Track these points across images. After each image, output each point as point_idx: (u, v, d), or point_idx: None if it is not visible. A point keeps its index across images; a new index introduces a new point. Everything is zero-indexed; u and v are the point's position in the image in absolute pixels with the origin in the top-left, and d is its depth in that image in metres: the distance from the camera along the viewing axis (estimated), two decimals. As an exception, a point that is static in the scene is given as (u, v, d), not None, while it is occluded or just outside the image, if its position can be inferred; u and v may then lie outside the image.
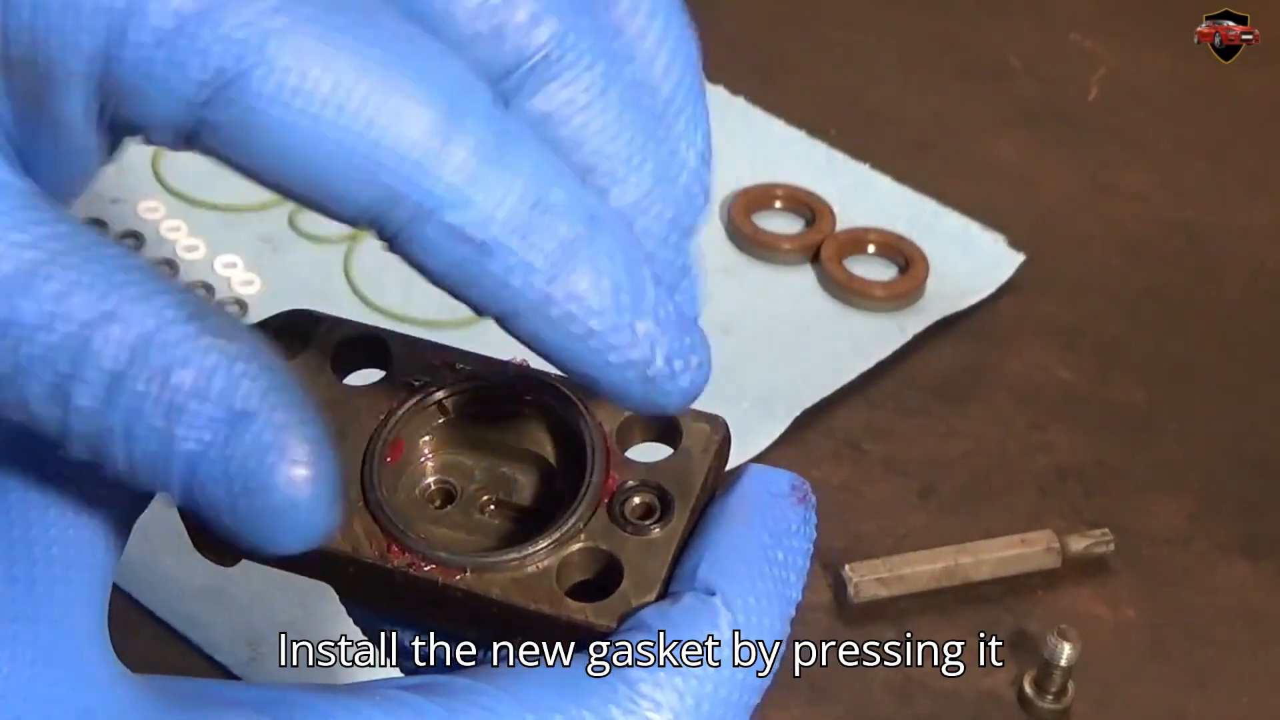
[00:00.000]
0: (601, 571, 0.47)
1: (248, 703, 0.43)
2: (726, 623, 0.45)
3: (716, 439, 0.49)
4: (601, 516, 0.48)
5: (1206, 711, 0.87)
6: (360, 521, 0.48)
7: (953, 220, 1.10)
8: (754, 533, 0.47)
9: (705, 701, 0.44)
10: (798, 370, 1.00)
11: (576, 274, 0.42)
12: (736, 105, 1.16)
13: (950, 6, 1.30)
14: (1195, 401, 1.02)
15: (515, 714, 0.43)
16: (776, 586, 0.46)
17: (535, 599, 0.47)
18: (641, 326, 0.44)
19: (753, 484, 0.48)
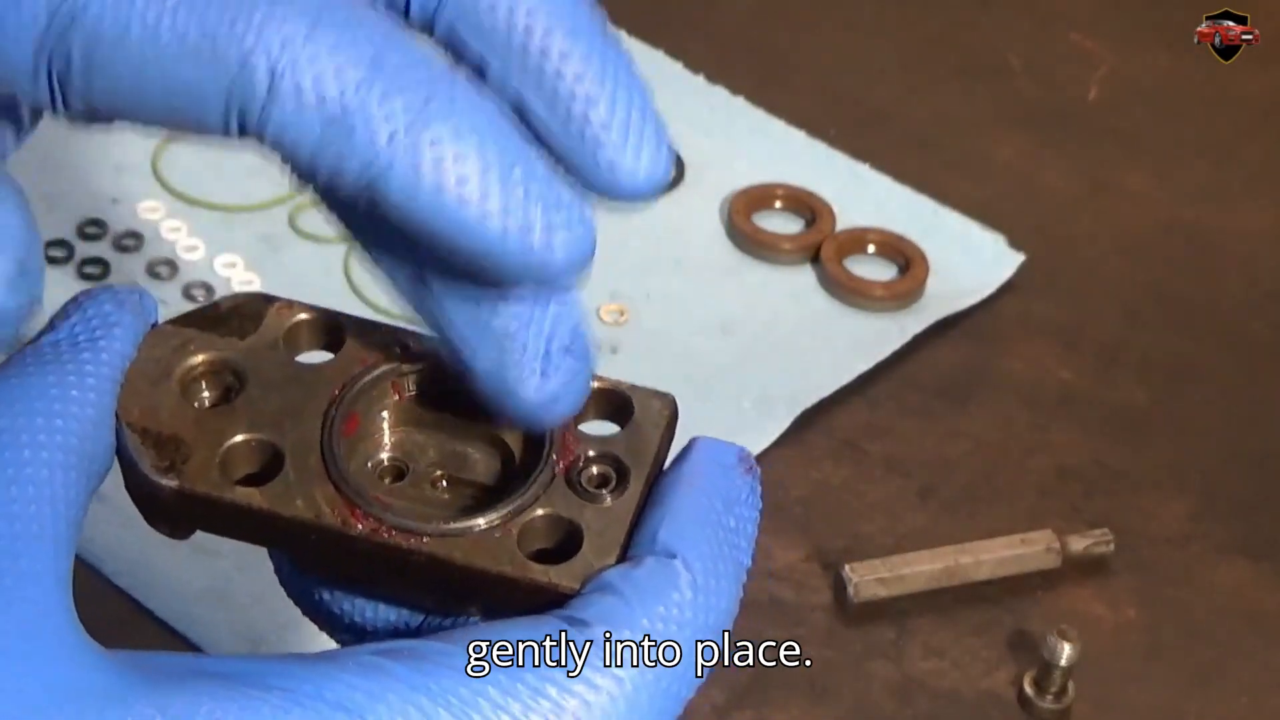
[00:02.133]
0: (561, 538, 0.48)
1: (223, 674, 0.44)
2: (687, 583, 0.47)
3: (666, 413, 0.51)
4: (560, 486, 0.49)
5: (1206, 711, 0.87)
6: (321, 490, 0.48)
7: (953, 220, 1.10)
8: (708, 501, 0.49)
9: (668, 659, 0.46)
10: (798, 370, 1.00)
11: (438, 131, 0.44)
12: (736, 105, 1.16)
13: (950, 6, 1.30)
14: (1195, 401, 1.02)
15: (488, 674, 0.44)
16: (730, 551, 0.48)
17: (498, 562, 0.47)
18: (512, 190, 0.45)
19: (703, 455, 0.50)
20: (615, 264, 1.06)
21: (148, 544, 0.88)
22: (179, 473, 0.48)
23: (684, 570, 0.47)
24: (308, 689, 0.43)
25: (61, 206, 1.06)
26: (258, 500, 0.48)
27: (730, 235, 1.09)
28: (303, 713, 0.43)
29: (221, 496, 0.48)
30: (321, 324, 0.52)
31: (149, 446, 0.49)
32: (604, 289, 1.05)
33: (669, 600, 0.46)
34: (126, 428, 0.49)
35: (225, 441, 0.49)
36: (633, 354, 1.01)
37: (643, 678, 0.45)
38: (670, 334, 1.03)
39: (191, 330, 0.51)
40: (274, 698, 0.43)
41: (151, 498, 0.49)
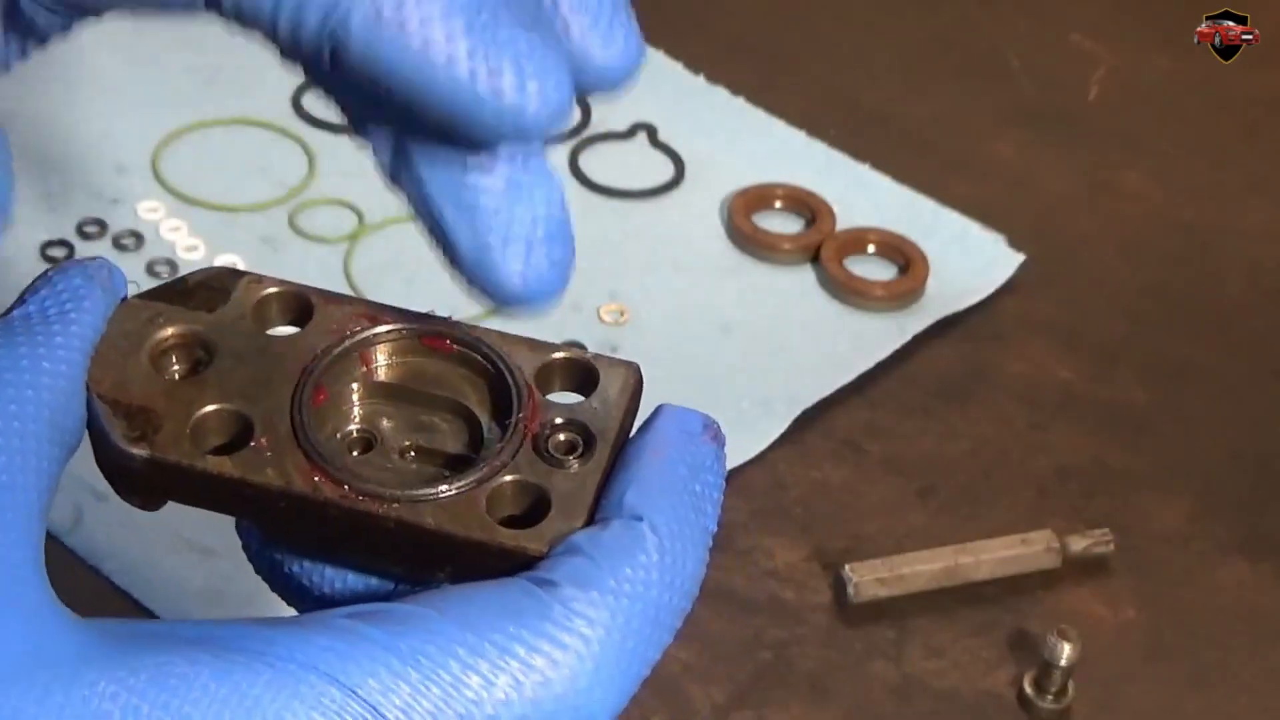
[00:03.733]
0: (529, 504, 0.49)
1: (195, 638, 0.44)
2: (654, 546, 0.47)
3: (632, 381, 0.52)
4: (527, 453, 0.50)
5: (1206, 711, 0.87)
6: (292, 458, 0.49)
7: (953, 220, 1.10)
8: (674, 467, 0.49)
9: (635, 619, 0.46)
10: (798, 370, 1.00)
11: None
12: (736, 105, 1.16)
13: (950, 6, 1.30)
14: (1195, 401, 1.02)
15: (456, 634, 0.45)
16: (696, 516, 0.48)
17: (467, 527, 0.48)
18: (479, 34, 0.46)
19: (669, 423, 0.50)
20: (615, 264, 1.06)
21: (148, 544, 0.88)
22: (150, 442, 0.49)
23: (650, 533, 0.47)
24: (279, 650, 0.44)
25: (61, 206, 1.06)
26: (228, 468, 0.49)
27: (730, 235, 1.09)
28: (274, 674, 0.43)
29: (193, 465, 0.49)
30: (290, 297, 0.52)
31: (119, 417, 0.49)
32: (604, 289, 1.05)
33: (635, 562, 0.47)
34: (97, 399, 0.49)
35: (196, 412, 0.50)
36: (633, 354, 1.01)
37: (610, 638, 0.46)
38: (670, 334, 1.03)
39: (160, 304, 0.51)
40: (245, 659, 0.44)
41: (122, 468, 0.49)
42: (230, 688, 0.43)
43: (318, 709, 0.43)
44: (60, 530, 0.88)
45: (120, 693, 0.43)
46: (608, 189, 1.11)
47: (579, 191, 1.12)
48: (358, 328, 0.52)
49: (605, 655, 0.46)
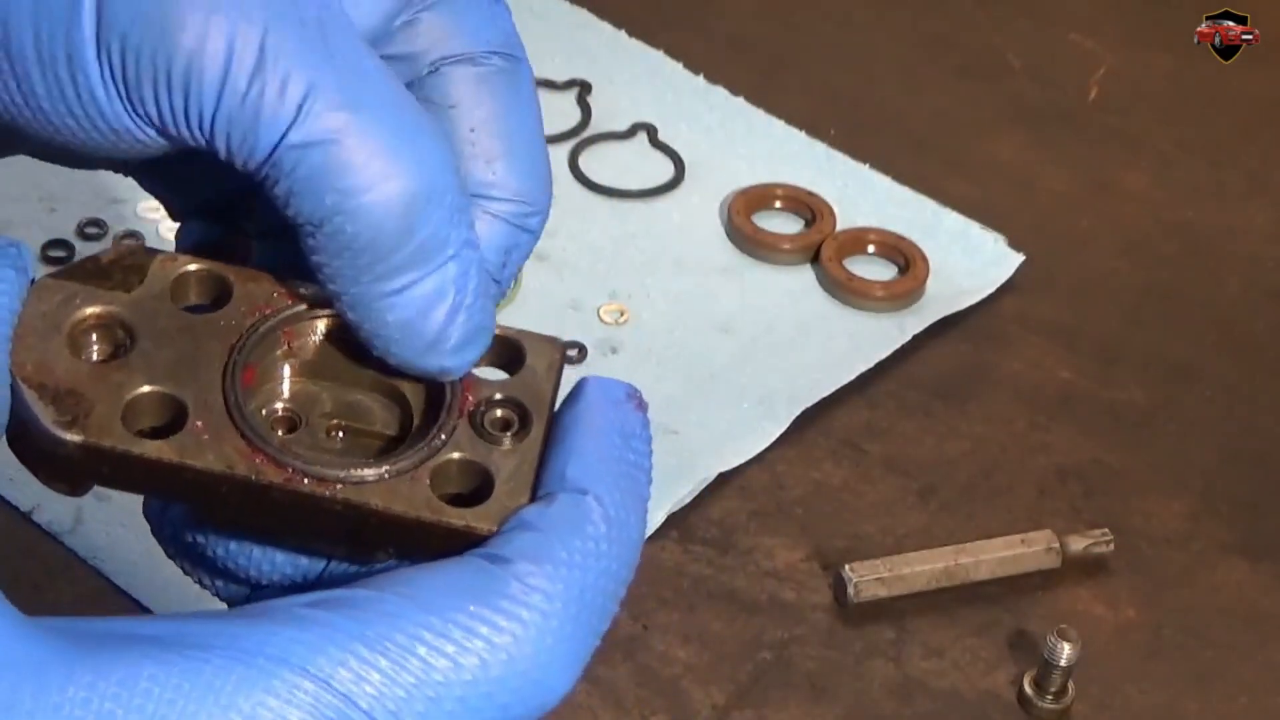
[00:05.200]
0: (472, 482, 0.49)
1: (161, 637, 0.44)
2: (600, 517, 0.48)
3: (557, 357, 0.52)
4: (465, 430, 0.50)
5: (1206, 711, 0.87)
6: (230, 441, 0.48)
7: (953, 220, 1.10)
8: (608, 437, 0.50)
9: (588, 590, 0.47)
10: (798, 370, 1.00)
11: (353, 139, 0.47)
12: (736, 105, 1.16)
13: (950, 6, 1.30)
14: (1195, 401, 1.02)
15: (417, 617, 0.45)
16: (633, 484, 0.50)
17: (414, 507, 0.48)
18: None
19: (596, 393, 0.51)
20: (615, 264, 1.06)
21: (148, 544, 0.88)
22: (82, 427, 0.48)
23: (596, 504, 0.48)
24: (248, 645, 0.44)
25: (62, 206, 1.06)
26: (168, 453, 0.48)
27: (730, 235, 1.09)
28: (245, 670, 0.44)
29: (129, 451, 0.48)
30: (208, 275, 0.52)
31: (47, 402, 0.48)
32: (604, 289, 1.05)
33: (584, 534, 0.48)
34: (22, 383, 0.48)
35: (126, 394, 0.49)
36: (633, 354, 1.01)
37: (566, 610, 0.47)
38: (670, 334, 1.03)
39: (75, 284, 0.50)
40: (215, 657, 0.44)
41: (50, 454, 0.48)
42: (203, 687, 0.43)
43: (291, 702, 0.44)
44: (60, 530, 0.88)
45: (92, 699, 0.43)
46: (608, 189, 1.11)
47: (579, 191, 1.11)
48: (280, 305, 0.51)
49: (562, 627, 0.47)
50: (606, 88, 1.18)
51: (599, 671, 0.85)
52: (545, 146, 0.55)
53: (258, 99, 0.46)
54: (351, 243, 0.47)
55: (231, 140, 0.47)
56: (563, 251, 1.07)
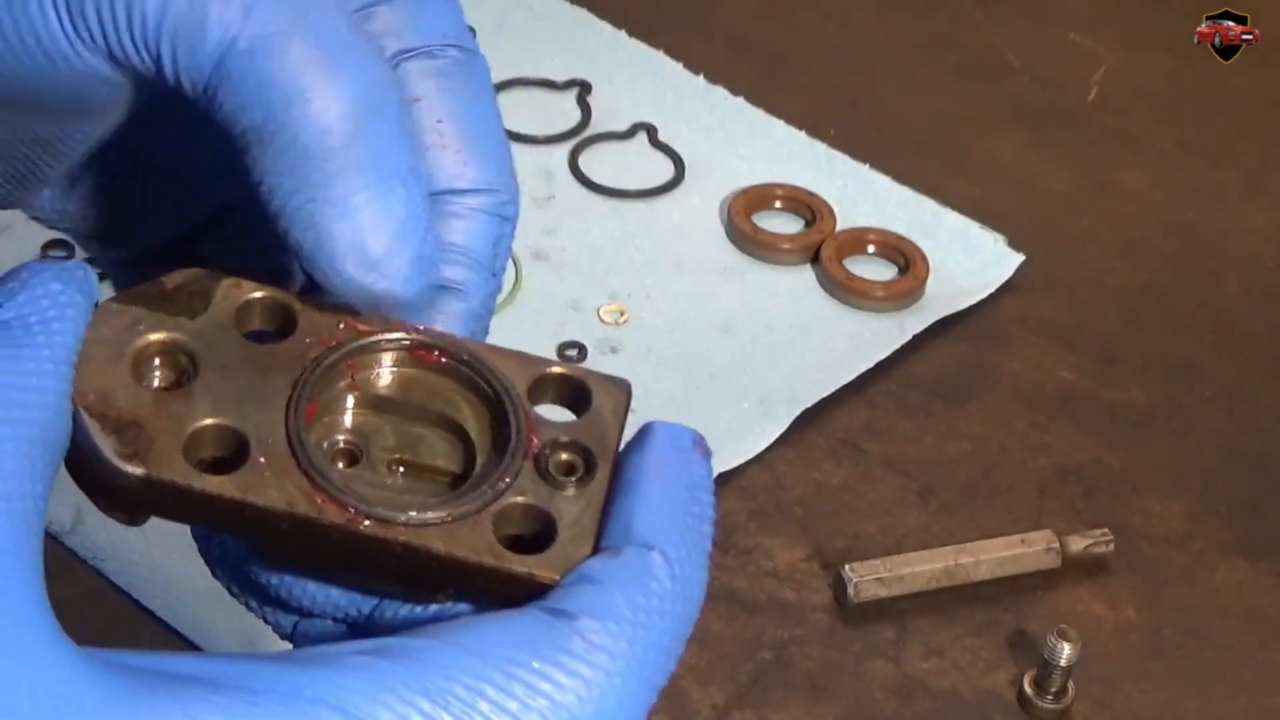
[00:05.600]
0: (535, 526, 0.48)
1: (216, 679, 0.43)
2: (665, 573, 0.47)
3: (624, 399, 0.51)
4: (529, 473, 0.49)
5: (1206, 711, 0.87)
6: (293, 479, 0.47)
7: (953, 220, 1.10)
8: (674, 488, 0.49)
9: (651, 648, 0.46)
10: (798, 370, 1.00)
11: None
12: (736, 105, 1.16)
13: (950, 6, 1.30)
14: (1195, 401, 1.02)
15: (479, 670, 0.44)
16: (699, 539, 0.49)
17: (477, 552, 0.47)
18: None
19: (662, 441, 0.50)
20: (615, 264, 1.06)
21: (148, 544, 0.88)
22: (144, 460, 0.47)
23: (662, 561, 0.47)
24: (306, 693, 0.43)
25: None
26: (229, 490, 0.47)
27: (730, 235, 1.09)
28: (293, 716, 0.42)
29: (190, 485, 0.47)
30: (273, 303, 0.51)
31: (109, 432, 0.47)
32: (604, 289, 1.05)
33: (649, 590, 0.47)
34: (85, 414, 0.47)
35: (188, 427, 0.48)
36: (633, 354, 1.01)
37: (630, 668, 0.46)
38: (670, 334, 1.03)
39: (139, 308, 0.49)
40: (273, 704, 0.42)
41: (110, 485, 0.48)
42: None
43: None
44: (60, 530, 0.88)
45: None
46: (608, 189, 1.11)
47: (579, 191, 1.11)
48: (345, 338, 0.50)
49: (625, 686, 0.45)
50: (606, 88, 1.18)
51: (599, 671, 0.85)
52: (505, 136, 0.55)
53: (205, 2, 0.46)
54: (296, 148, 0.47)
55: (179, 53, 0.46)
56: (563, 251, 1.07)
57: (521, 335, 0.98)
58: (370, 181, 0.48)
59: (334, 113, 0.47)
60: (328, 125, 0.47)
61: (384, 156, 0.48)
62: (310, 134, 0.47)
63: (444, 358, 0.51)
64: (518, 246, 1.06)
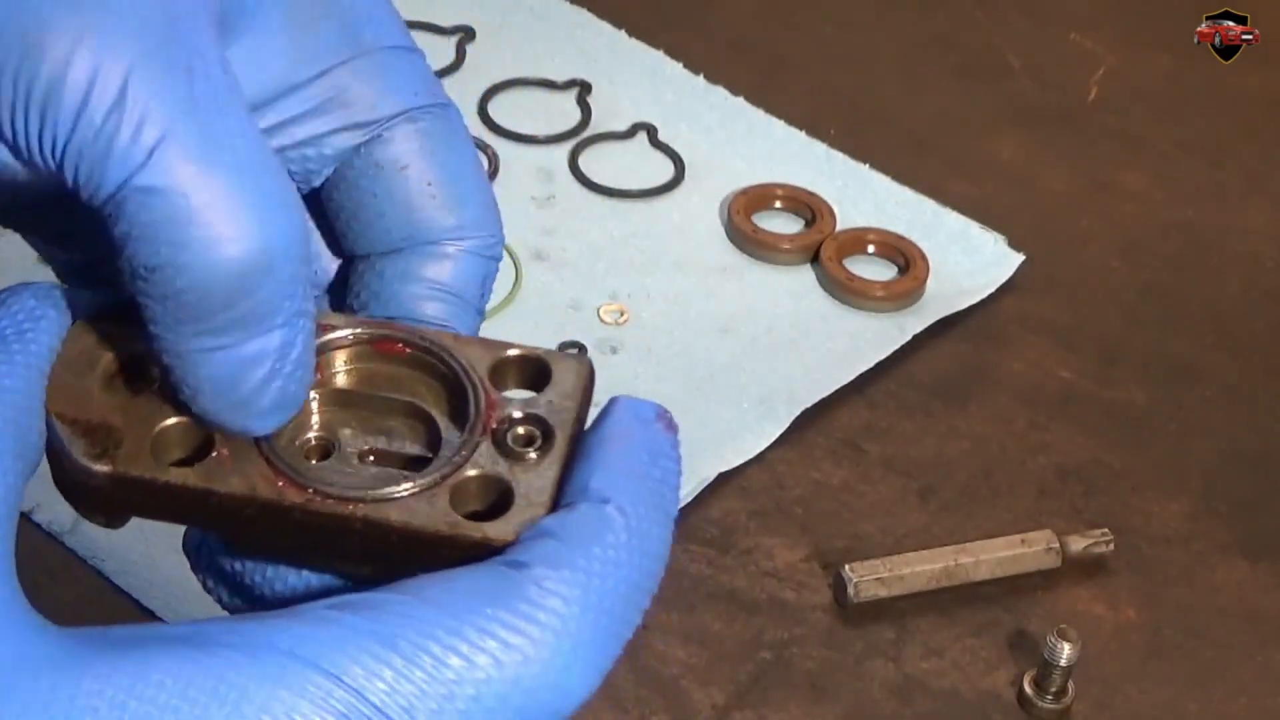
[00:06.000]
0: (493, 497, 0.50)
1: (176, 637, 0.45)
2: (621, 526, 0.48)
3: (585, 374, 0.52)
4: (487, 447, 0.50)
5: (1206, 711, 0.87)
6: (254, 466, 0.49)
7: (953, 220, 1.10)
8: (634, 453, 0.50)
9: (607, 597, 0.47)
10: (798, 370, 1.00)
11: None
12: (736, 105, 1.16)
13: (950, 6, 1.30)
14: (1195, 401, 1.02)
15: (434, 618, 0.46)
16: (658, 499, 0.50)
17: (434, 522, 0.49)
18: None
19: (624, 413, 0.51)
20: (615, 264, 1.06)
21: (148, 544, 0.88)
22: (111, 458, 0.49)
23: (618, 514, 0.48)
24: (259, 642, 0.45)
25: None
26: (192, 479, 0.49)
27: (730, 235, 1.09)
28: (255, 665, 0.44)
29: (156, 478, 0.49)
30: None
31: (79, 435, 0.50)
32: (604, 289, 1.05)
33: (604, 541, 0.48)
34: (55, 418, 0.50)
35: (155, 426, 0.50)
36: (633, 354, 1.01)
37: (584, 617, 0.47)
38: (670, 334, 1.03)
39: (110, 325, 0.52)
40: (226, 653, 0.44)
41: (84, 486, 0.50)
42: (215, 678, 0.44)
43: (304, 696, 0.44)
44: (60, 530, 0.88)
45: (105, 689, 0.43)
46: (608, 189, 1.11)
47: (579, 191, 1.11)
48: None
49: (580, 633, 0.46)
50: (606, 88, 1.18)
51: (599, 671, 0.85)
52: (486, 179, 0.57)
53: (111, 135, 0.46)
54: (178, 296, 0.47)
55: (80, 172, 0.46)
56: (563, 251, 1.07)
57: (521, 335, 0.97)
58: (248, 336, 0.48)
59: (222, 271, 0.47)
60: (212, 282, 0.47)
61: (267, 313, 0.48)
62: (194, 285, 0.47)
63: (406, 348, 0.52)
64: (518, 246, 1.06)
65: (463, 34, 1.21)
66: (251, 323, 0.48)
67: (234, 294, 0.47)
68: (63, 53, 0.46)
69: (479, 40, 1.21)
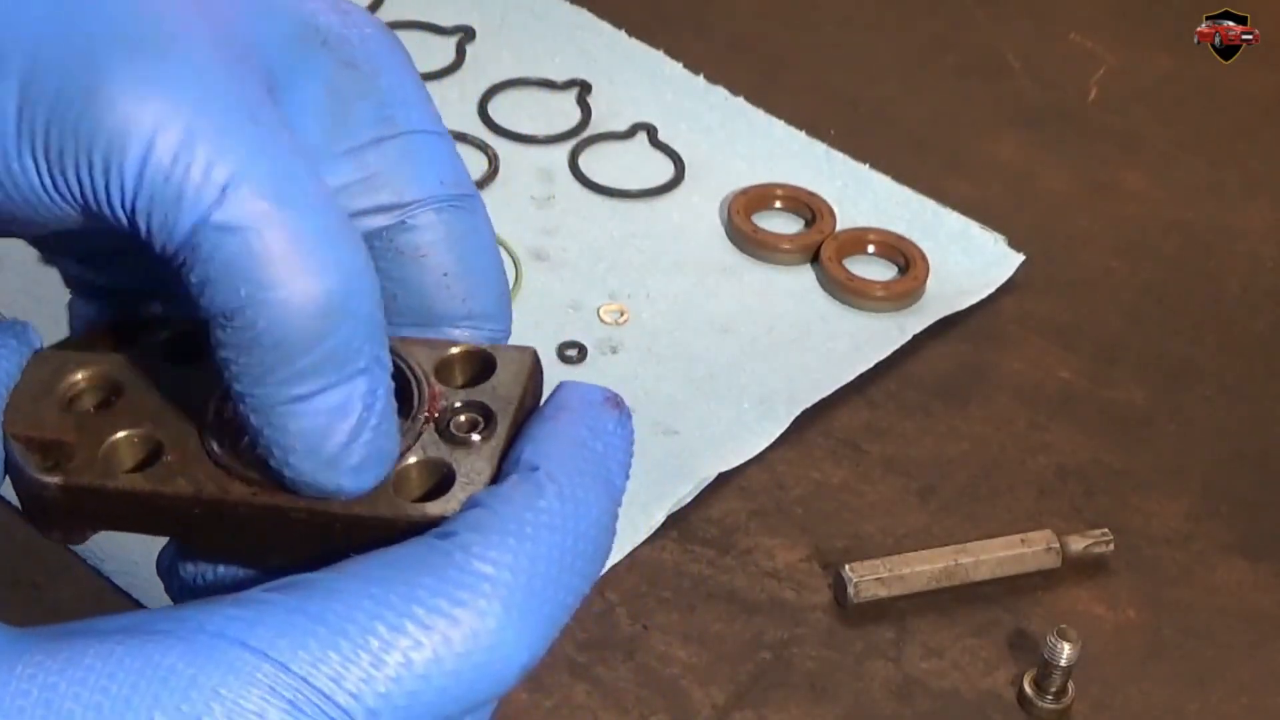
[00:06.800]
0: (436, 481, 0.50)
1: (114, 627, 0.45)
2: (552, 492, 0.48)
3: (528, 362, 0.53)
4: (430, 434, 0.51)
5: (1206, 711, 0.87)
6: (202, 467, 0.50)
7: (953, 220, 1.10)
8: (572, 428, 0.50)
9: (540, 561, 0.47)
10: (798, 370, 1.00)
11: None
12: (736, 105, 1.16)
13: (950, 6, 1.30)
14: (1195, 401, 1.02)
15: (359, 590, 0.46)
16: (598, 470, 0.49)
17: (375, 508, 0.49)
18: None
19: (568, 394, 0.51)
20: (615, 264, 1.06)
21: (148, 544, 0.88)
22: (63, 470, 0.51)
23: (547, 480, 0.48)
24: (190, 625, 0.45)
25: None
26: (140, 484, 0.50)
27: (730, 235, 1.09)
28: (186, 647, 0.44)
29: (104, 485, 0.50)
30: (192, 333, 0.53)
31: (34, 452, 0.51)
32: (604, 289, 1.05)
33: (535, 507, 0.48)
34: (10, 439, 0.51)
35: (107, 438, 0.51)
36: (633, 354, 1.01)
37: (516, 579, 0.46)
38: (670, 334, 1.03)
39: (70, 352, 0.53)
40: (158, 638, 0.45)
41: (39, 499, 0.51)
42: (144, 660, 0.44)
43: (252, 683, 0.44)
44: (60, 530, 0.88)
45: (37, 674, 0.44)
46: (608, 189, 1.11)
47: (579, 191, 1.11)
48: None
49: (511, 596, 0.46)
50: (606, 88, 1.18)
51: (599, 671, 0.85)
52: (503, 268, 0.57)
53: (182, 177, 0.46)
54: (261, 339, 0.47)
55: (153, 220, 0.46)
56: (563, 251, 1.07)
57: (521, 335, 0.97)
58: (332, 382, 0.48)
59: (303, 309, 0.47)
60: (294, 322, 0.47)
61: (350, 355, 0.48)
62: (276, 325, 0.47)
63: None
64: (518, 246, 1.07)
65: (463, 34, 1.21)
66: (336, 366, 0.48)
67: (316, 334, 0.47)
68: (124, 101, 0.46)
69: (479, 40, 1.21)
